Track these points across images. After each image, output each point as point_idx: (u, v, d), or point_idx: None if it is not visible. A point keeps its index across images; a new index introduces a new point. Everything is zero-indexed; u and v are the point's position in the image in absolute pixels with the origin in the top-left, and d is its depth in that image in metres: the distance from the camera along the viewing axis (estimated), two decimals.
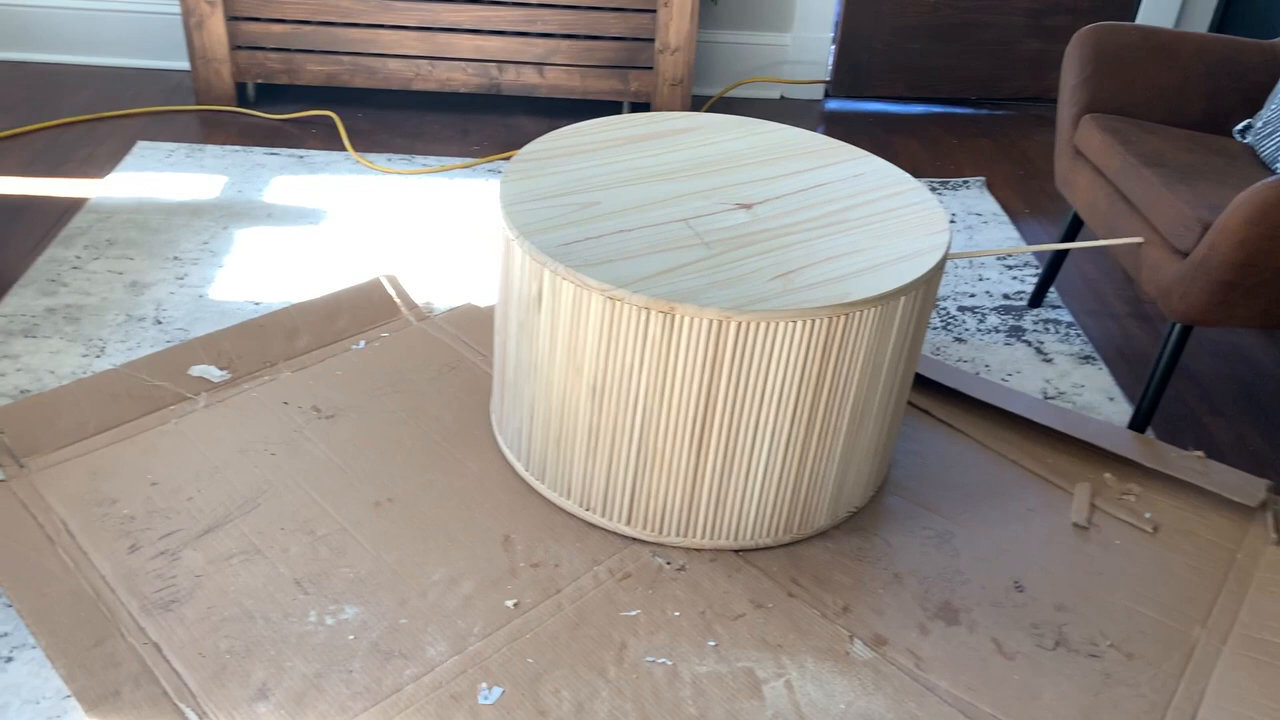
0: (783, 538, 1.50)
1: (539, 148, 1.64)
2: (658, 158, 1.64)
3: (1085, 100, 1.91)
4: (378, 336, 1.86)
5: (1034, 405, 1.77)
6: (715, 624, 1.37)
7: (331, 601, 1.36)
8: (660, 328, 1.32)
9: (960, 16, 3.03)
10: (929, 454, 1.69)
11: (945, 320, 2.07)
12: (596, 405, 1.41)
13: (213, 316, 1.92)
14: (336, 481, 1.54)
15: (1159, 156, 1.76)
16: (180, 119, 2.70)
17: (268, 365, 1.76)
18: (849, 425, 1.44)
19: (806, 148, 1.71)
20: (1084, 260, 2.34)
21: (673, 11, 2.69)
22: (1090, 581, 1.49)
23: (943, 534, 1.55)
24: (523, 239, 1.39)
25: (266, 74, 2.73)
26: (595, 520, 1.50)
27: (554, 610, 1.37)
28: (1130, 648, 1.39)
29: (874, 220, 1.50)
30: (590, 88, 2.79)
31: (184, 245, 2.13)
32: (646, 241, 1.41)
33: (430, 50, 2.72)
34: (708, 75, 3.11)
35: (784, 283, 1.34)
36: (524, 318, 1.45)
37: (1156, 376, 1.71)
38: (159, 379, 1.69)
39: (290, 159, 2.52)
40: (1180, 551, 1.54)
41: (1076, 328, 2.08)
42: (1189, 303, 1.59)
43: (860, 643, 1.36)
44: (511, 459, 1.60)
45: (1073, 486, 1.65)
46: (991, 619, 1.41)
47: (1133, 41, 1.90)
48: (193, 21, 2.64)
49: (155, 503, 1.48)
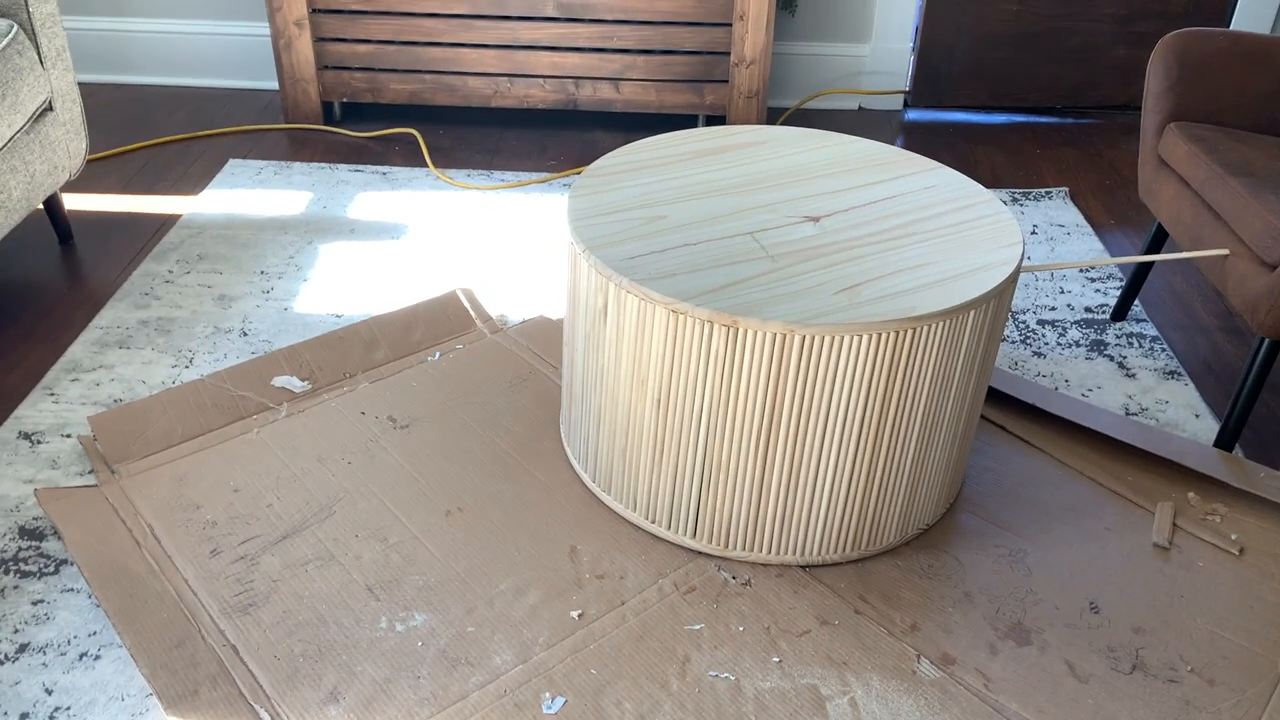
0: (850, 554, 1.49)
1: (607, 163, 1.65)
2: (725, 171, 1.64)
3: (1170, 108, 1.86)
4: (452, 348, 1.90)
5: (1114, 421, 1.72)
6: (780, 640, 1.37)
7: (401, 608, 1.39)
8: (724, 341, 1.32)
9: (1044, 23, 2.97)
10: (1004, 470, 1.66)
11: (1024, 334, 2.03)
12: (661, 418, 1.42)
13: (296, 329, 1.98)
14: (409, 490, 1.58)
15: (1246, 165, 1.70)
16: (270, 137, 2.79)
17: (346, 376, 1.81)
18: (917, 441, 1.42)
19: (877, 160, 1.70)
20: (1170, 273, 2.27)
21: (748, 25, 2.69)
22: (1171, 604, 1.44)
23: (1016, 552, 1.51)
24: (589, 253, 1.41)
25: (352, 93, 2.81)
26: (661, 533, 1.51)
27: (618, 622, 1.38)
28: (1212, 673, 1.34)
29: (945, 233, 1.48)
30: (666, 102, 2.81)
31: (270, 260, 2.21)
32: (711, 255, 1.42)
33: (509, 68, 2.77)
34: (784, 87, 3.10)
35: (849, 296, 1.33)
36: (590, 330, 1.46)
37: (1244, 393, 1.65)
38: (243, 389, 1.75)
39: (373, 175, 2.58)
40: (1269, 575, 1.49)
41: (1162, 342, 2.02)
42: (1277, 316, 1.53)
43: (928, 661, 1.34)
44: (579, 470, 1.61)
45: (1154, 506, 1.60)
46: (1065, 640, 1.38)
47: (1220, 47, 1.85)
48: (282, 43, 2.73)
49: (236, 509, 1.54)
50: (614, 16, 2.69)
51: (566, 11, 2.69)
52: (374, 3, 2.69)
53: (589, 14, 2.69)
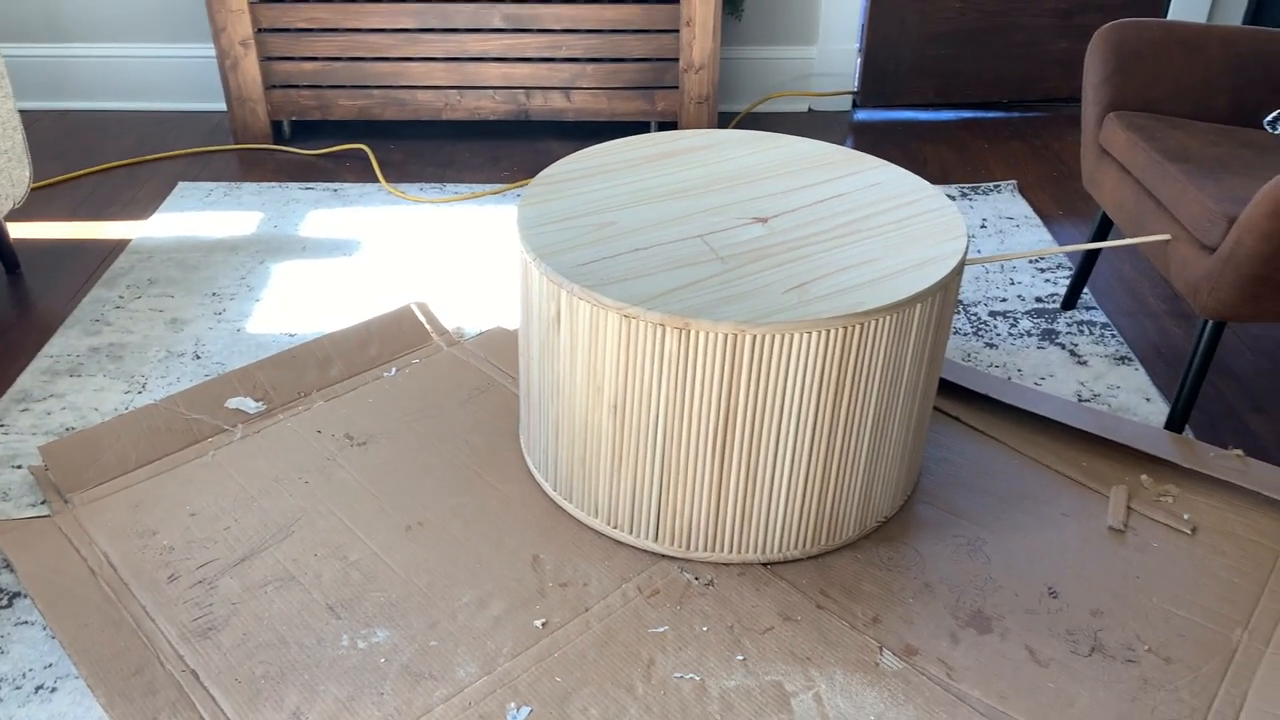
0: (811, 549, 1.50)
1: (557, 171, 1.66)
2: (674, 175, 1.65)
3: (1109, 98, 1.89)
4: (409, 363, 1.89)
5: (1067, 408, 1.75)
6: (743, 638, 1.37)
7: (363, 625, 1.38)
8: (676, 344, 1.33)
9: (988, 20, 3.01)
10: (960, 461, 1.68)
11: (976, 326, 2.05)
12: (618, 423, 1.43)
13: (249, 350, 1.96)
14: (368, 507, 1.57)
15: (1184, 152, 1.73)
16: (219, 159, 2.77)
17: (301, 395, 1.80)
18: (871, 434, 1.43)
19: (823, 160, 1.71)
20: (1118, 260, 2.30)
21: (695, 31, 2.71)
22: (1127, 586, 1.46)
23: (974, 541, 1.53)
24: (540, 261, 1.41)
25: (300, 111, 2.79)
26: (623, 538, 1.51)
27: (582, 629, 1.38)
28: (1169, 652, 1.36)
29: (890, 229, 1.50)
30: (617, 109, 2.82)
31: (222, 281, 2.19)
32: (662, 259, 1.42)
33: (458, 80, 2.76)
34: (734, 91, 3.12)
35: (798, 294, 1.34)
36: (545, 339, 1.47)
37: (1191, 375, 1.68)
38: (197, 412, 1.74)
39: (325, 193, 2.57)
40: (1220, 553, 1.51)
41: (1112, 328, 2.05)
42: (1218, 298, 1.56)
43: (890, 653, 1.35)
44: (540, 479, 1.61)
45: (1108, 490, 1.63)
46: (1025, 626, 1.40)
47: (1155, 37, 1.88)
48: (227, 63, 2.71)
49: (193, 533, 1.52)
50: (561, 26, 2.70)
51: (514, 22, 2.69)
52: (319, 20, 2.68)
53: (536, 24, 2.70)
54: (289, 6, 2.67)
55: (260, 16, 2.67)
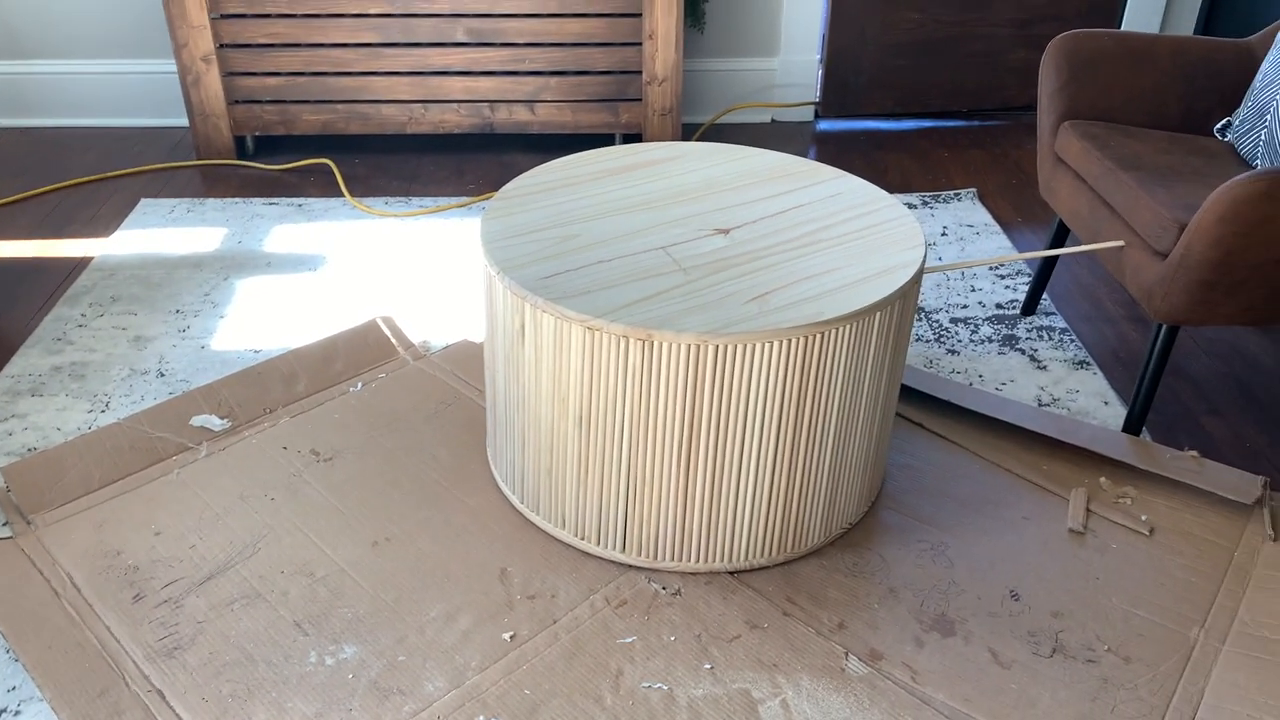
0: (777, 557, 1.51)
1: (520, 184, 1.67)
2: (637, 188, 1.67)
3: (1063, 107, 1.93)
4: (375, 378, 1.89)
5: (1027, 413, 1.77)
6: (711, 646, 1.38)
7: (331, 642, 1.38)
8: (640, 355, 1.34)
9: (946, 30, 3.06)
10: (923, 467, 1.70)
11: (938, 332, 2.08)
12: (584, 435, 1.43)
13: (214, 366, 1.95)
14: (334, 523, 1.56)
15: (1136, 160, 1.77)
16: (182, 175, 2.76)
17: (267, 412, 1.79)
18: (835, 441, 1.45)
19: (784, 171, 1.73)
20: (1076, 266, 2.34)
21: (658, 43, 2.73)
22: (1087, 587, 1.48)
23: (937, 546, 1.55)
24: (503, 274, 1.42)
25: (264, 126, 2.79)
26: (591, 549, 1.52)
27: (550, 641, 1.38)
28: (1128, 651, 1.39)
29: (850, 239, 1.52)
30: (581, 122, 2.83)
31: (186, 298, 2.18)
32: (625, 271, 1.43)
33: (422, 94, 2.77)
34: (698, 103, 3.14)
35: (760, 304, 1.36)
36: (509, 352, 1.47)
37: (1147, 378, 1.71)
38: (161, 430, 1.73)
39: (289, 208, 2.56)
40: (1177, 553, 1.54)
41: (1070, 334, 2.08)
42: (1171, 303, 1.59)
43: (855, 659, 1.37)
44: (507, 492, 1.62)
45: (1068, 492, 1.65)
46: (987, 629, 1.42)
47: (1106, 47, 1.92)
48: (189, 79, 2.70)
49: (159, 552, 1.51)
50: (525, 39, 2.71)
51: (477, 36, 2.70)
52: (282, 35, 2.68)
53: (499, 38, 2.71)
54: (251, 22, 2.66)
55: (222, 32, 2.67)
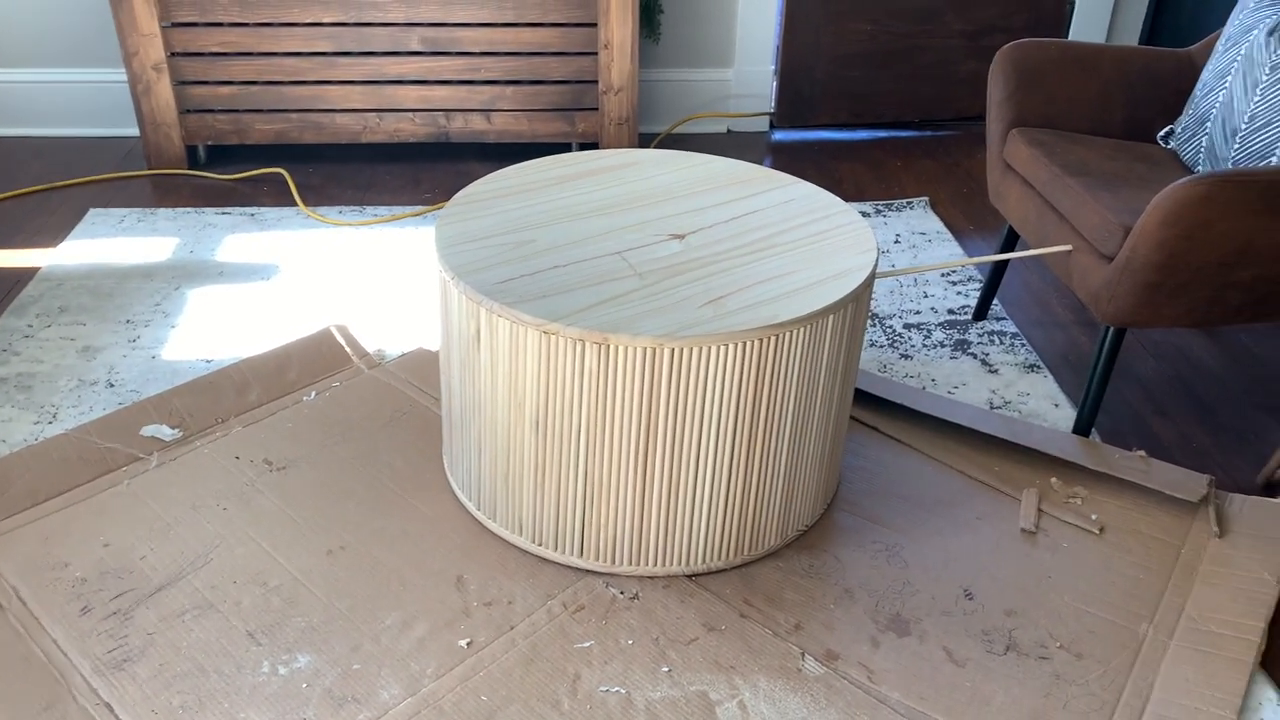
0: (734, 560, 1.52)
1: (476, 190, 1.66)
2: (593, 194, 1.67)
3: (1011, 116, 1.96)
4: (329, 386, 1.87)
5: (979, 415, 1.80)
6: (669, 650, 1.38)
7: (284, 651, 1.36)
8: (596, 359, 1.34)
9: (898, 42, 3.10)
10: (877, 469, 1.72)
11: (891, 338, 2.10)
12: (541, 439, 1.43)
13: (165, 377, 1.93)
14: (288, 532, 1.55)
15: (1083, 166, 1.80)
16: (133, 185, 2.72)
17: (219, 421, 1.77)
18: (790, 443, 1.46)
19: (739, 177, 1.75)
20: (1026, 271, 2.38)
21: (614, 53, 2.74)
22: (1039, 585, 1.50)
23: (892, 547, 1.56)
24: (458, 279, 1.41)
25: (216, 135, 2.76)
26: (548, 555, 1.51)
27: (507, 647, 1.38)
28: (1080, 648, 1.40)
29: (803, 244, 1.53)
30: (538, 131, 2.83)
31: (136, 308, 2.15)
32: (581, 275, 1.44)
33: (377, 103, 2.76)
34: (654, 113, 3.16)
35: (715, 308, 1.37)
36: (465, 357, 1.47)
37: (1095, 380, 1.74)
38: (110, 441, 1.70)
39: (242, 217, 2.54)
40: (1127, 550, 1.57)
41: (1021, 338, 2.11)
42: (1117, 306, 1.62)
43: (812, 659, 1.37)
44: (464, 499, 1.61)
45: (1020, 493, 1.67)
46: (942, 628, 1.43)
47: (1052, 56, 1.96)
48: (140, 88, 2.67)
49: (107, 564, 1.49)
50: (480, 49, 2.71)
51: (432, 45, 2.70)
52: (234, 44, 2.66)
53: (455, 47, 2.71)
54: (202, 30, 2.64)
55: (173, 41, 2.64)
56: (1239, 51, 1.78)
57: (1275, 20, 1.73)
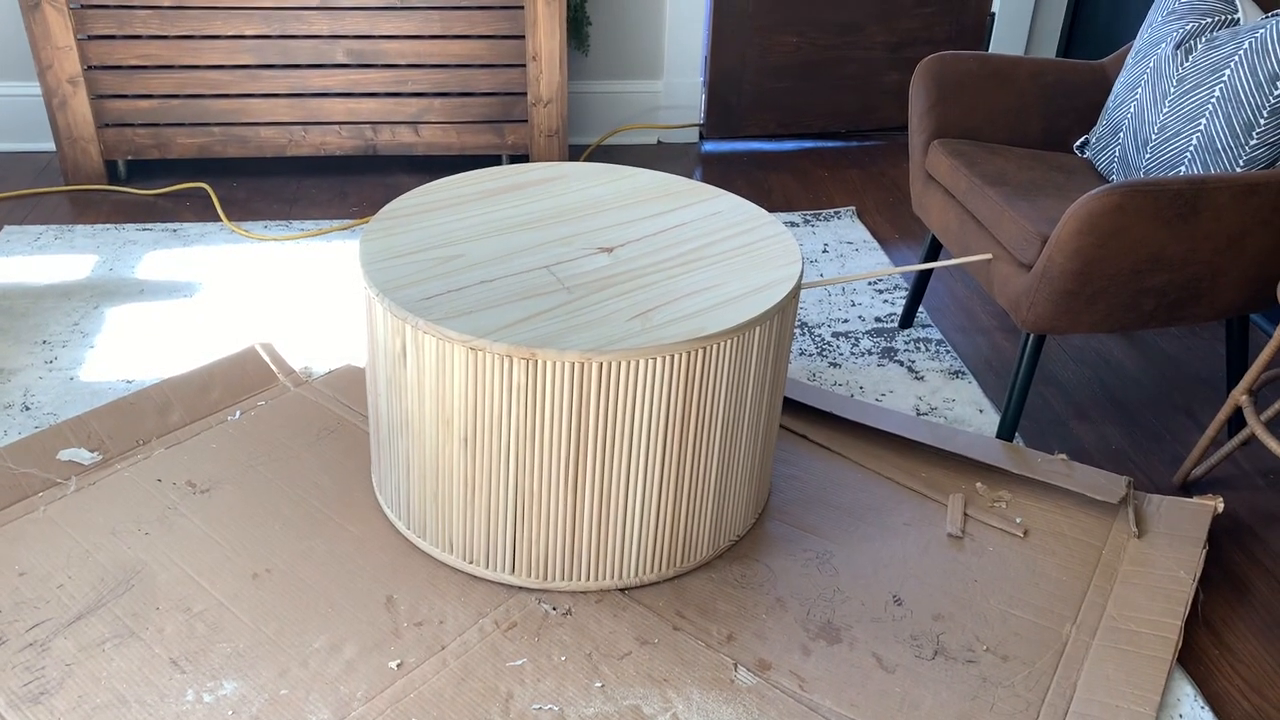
0: (667, 572, 1.52)
1: (402, 205, 1.65)
2: (521, 208, 1.67)
3: (932, 127, 2.00)
4: (254, 405, 1.84)
5: (905, 422, 1.82)
6: (601, 665, 1.38)
7: (210, 678, 1.33)
8: (524, 374, 1.33)
9: (822, 54, 3.14)
10: (807, 477, 1.73)
11: (820, 346, 2.12)
12: (470, 456, 1.42)
13: (84, 398, 1.88)
14: (212, 556, 1.52)
15: (1002, 176, 1.84)
16: (49, 200, 2.65)
17: (140, 444, 1.73)
18: (720, 454, 1.46)
19: (666, 190, 1.76)
20: (951, 279, 2.42)
21: (542, 65, 2.73)
22: (966, 589, 1.53)
23: (823, 554, 1.58)
24: (383, 296, 1.40)
25: (136, 150, 2.70)
26: (479, 572, 1.50)
27: (438, 667, 1.36)
28: (1006, 650, 1.43)
29: (730, 256, 1.54)
30: (467, 143, 2.82)
31: (53, 328, 2.09)
32: (508, 290, 1.43)
33: (302, 116, 2.72)
34: (584, 125, 3.16)
35: (643, 321, 1.37)
36: (391, 374, 1.45)
37: (1017, 386, 1.78)
38: (26, 466, 1.65)
39: (163, 233, 2.49)
40: (1050, 553, 1.60)
41: (946, 344, 2.15)
42: (1036, 313, 1.66)
43: (744, 669, 1.38)
44: (393, 518, 1.59)
45: (946, 498, 1.70)
46: (871, 634, 1.45)
47: (970, 69, 2.00)
48: (55, 102, 2.60)
49: (23, 593, 1.44)
50: (406, 61, 2.69)
51: (357, 57, 2.67)
52: (154, 57, 2.60)
53: (380, 59, 2.68)
54: (120, 43, 2.58)
55: (90, 54, 2.58)
56: (1148, 64, 1.83)
57: (1181, 34, 1.79)
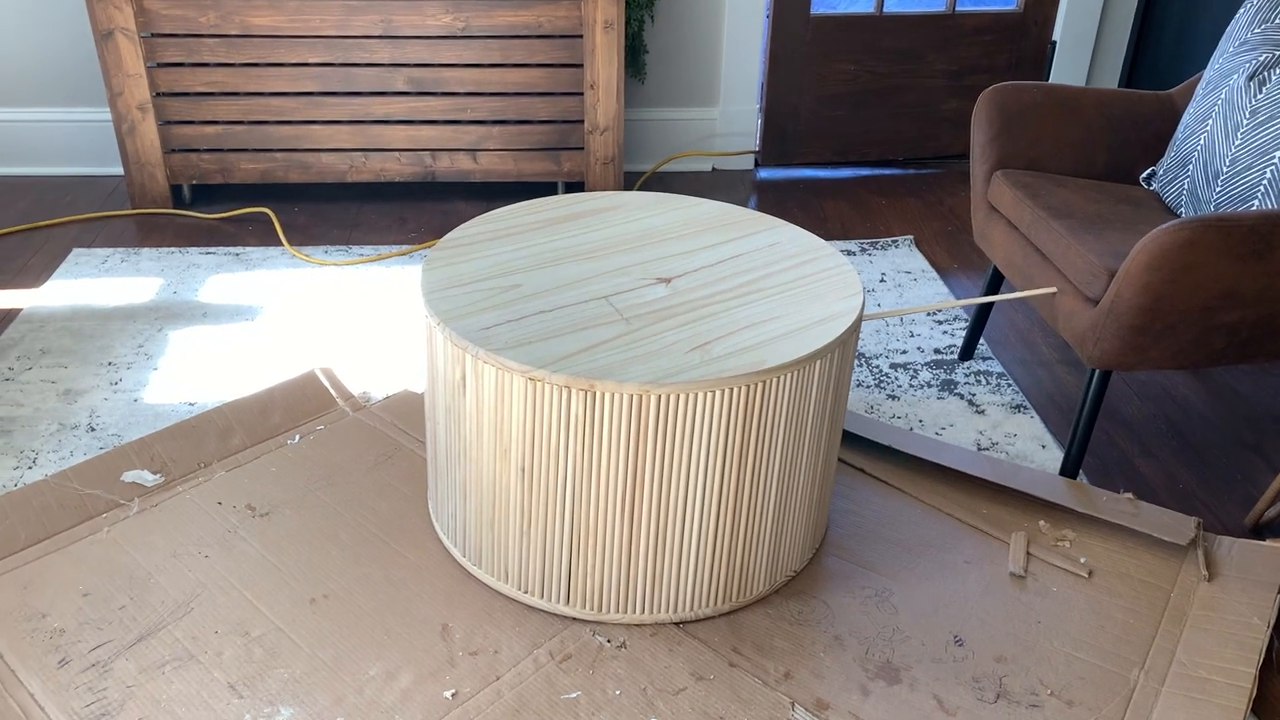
0: (722, 607, 1.50)
1: (461, 234, 1.66)
2: (579, 238, 1.67)
3: (995, 157, 1.97)
4: (313, 430, 1.86)
5: (966, 457, 1.79)
6: (657, 700, 1.37)
7: (266, 704, 1.34)
8: (582, 406, 1.33)
9: (880, 82, 3.12)
10: (865, 512, 1.71)
11: (878, 378, 2.10)
12: (527, 486, 1.42)
13: (147, 420, 1.91)
14: (270, 580, 1.53)
15: (1067, 208, 1.81)
16: (116, 224, 2.71)
17: (201, 466, 1.75)
18: (777, 489, 1.45)
19: (724, 220, 1.75)
20: (1012, 311, 2.39)
21: (599, 93, 2.75)
22: (1029, 630, 1.49)
23: (881, 592, 1.55)
24: (443, 325, 1.41)
25: (201, 175, 2.75)
26: (534, 603, 1.50)
27: (493, 698, 1.36)
28: (1070, 695, 1.39)
29: (789, 287, 1.53)
30: (524, 170, 2.84)
31: (118, 350, 2.13)
32: (567, 321, 1.43)
33: (363, 143, 2.76)
34: (640, 152, 3.17)
35: (701, 354, 1.36)
36: (450, 403, 1.46)
37: (1082, 422, 1.74)
38: (91, 487, 1.68)
39: (226, 257, 2.53)
40: (1116, 594, 1.56)
41: (1008, 378, 2.12)
42: (1103, 349, 1.63)
43: (802, 709, 1.36)
44: (449, 546, 1.59)
45: (1008, 536, 1.67)
46: (932, 675, 1.42)
47: (1035, 99, 1.97)
48: (125, 128, 2.66)
49: (86, 614, 1.46)
50: (466, 89, 2.72)
51: (418, 85, 2.71)
52: (220, 84, 2.66)
53: (441, 87, 2.71)
54: (188, 70, 2.64)
55: (158, 81, 2.64)
56: (1219, 95, 1.80)
57: (1255, 65, 1.75)
